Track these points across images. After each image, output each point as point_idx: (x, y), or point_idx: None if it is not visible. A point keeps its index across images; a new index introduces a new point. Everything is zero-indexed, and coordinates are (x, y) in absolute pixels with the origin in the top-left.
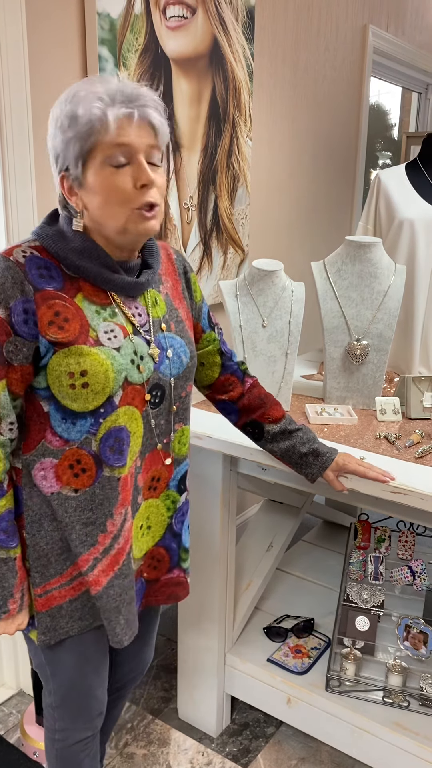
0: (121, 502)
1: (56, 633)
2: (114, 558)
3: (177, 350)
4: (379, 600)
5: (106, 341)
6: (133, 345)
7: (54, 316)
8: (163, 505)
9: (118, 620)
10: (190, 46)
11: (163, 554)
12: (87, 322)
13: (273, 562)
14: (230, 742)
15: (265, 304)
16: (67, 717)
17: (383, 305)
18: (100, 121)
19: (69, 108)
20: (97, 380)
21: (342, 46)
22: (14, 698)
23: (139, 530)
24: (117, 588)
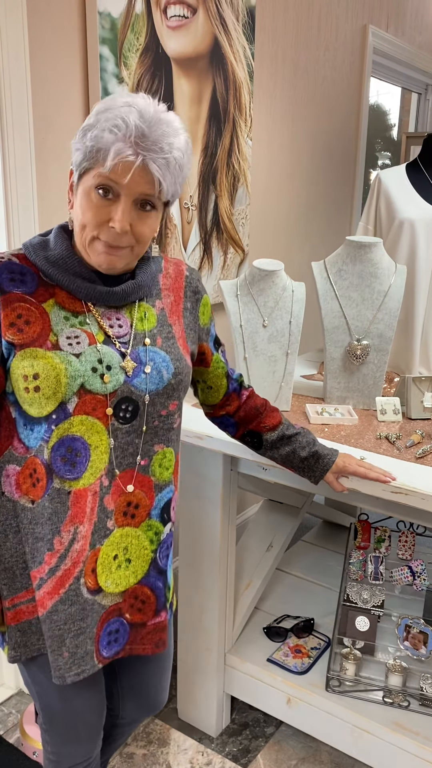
0: (70, 518)
1: (27, 649)
2: (59, 580)
3: (158, 365)
4: (379, 600)
5: (65, 346)
6: (98, 354)
7: (16, 318)
8: (144, 536)
9: (61, 652)
10: (191, 46)
11: (149, 595)
12: (49, 326)
13: (273, 562)
14: (230, 742)
15: (266, 304)
16: (56, 740)
17: (384, 305)
18: (103, 151)
19: (92, 119)
20: (48, 384)
21: (342, 46)
22: (14, 698)
23: (113, 561)
24: (62, 614)
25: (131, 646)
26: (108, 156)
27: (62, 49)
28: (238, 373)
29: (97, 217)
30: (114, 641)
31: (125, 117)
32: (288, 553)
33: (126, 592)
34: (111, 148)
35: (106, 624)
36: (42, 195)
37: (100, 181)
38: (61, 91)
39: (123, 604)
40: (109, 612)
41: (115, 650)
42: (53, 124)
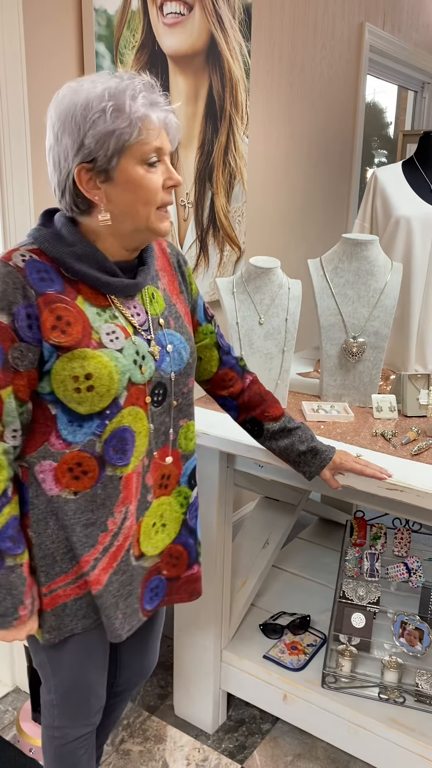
0: (122, 500)
1: (61, 631)
2: (113, 555)
3: (177, 346)
4: (375, 597)
5: (108, 343)
6: (134, 346)
7: (56, 320)
8: (175, 501)
9: (116, 615)
10: (187, 43)
11: (181, 551)
12: (89, 324)
13: (269, 559)
14: (226, 739)
15: (262, 302)
16: (67, 714)
17: (380, 303)
18: (145, 120)
19: (115, 102)
20: (102, 383)
21: (338, 44)
22: (10, 695)
23: (152, 528)
24: (116, 584)
25: (169, 597)
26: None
27: (58, 46)
28: (239, 355)
29: (155, 187)
30: (155, 596)
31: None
32: (284, 550)
33: (163, 553)
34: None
35: (147, 582)
36: (38, 193)
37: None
38: (57, 88)
39: (161, 564)
40: (150, 572)
41: (156, 603)
42: None
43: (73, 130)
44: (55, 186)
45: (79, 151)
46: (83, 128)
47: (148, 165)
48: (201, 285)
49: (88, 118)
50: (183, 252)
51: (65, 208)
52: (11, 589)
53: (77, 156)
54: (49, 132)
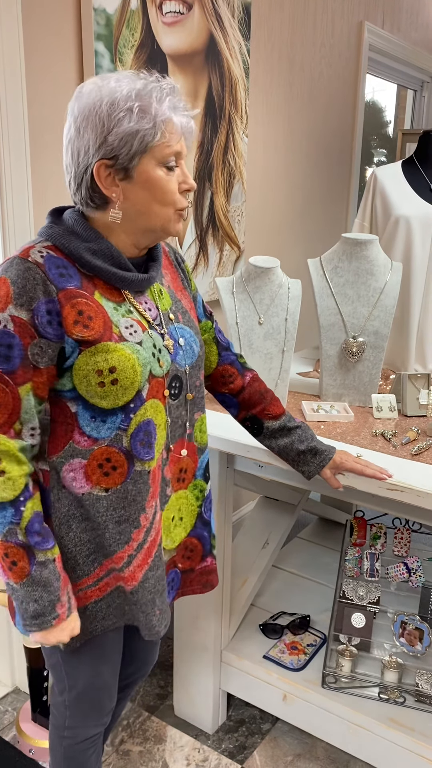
0: (152, 494)
1: (82, 635)
2: (147, 551)
3: (188, 340)
4: (375, 597)
5: (128, 336)
6: (152, 339)
7: (78, 315)
8: (192, 495)
9: (154, 612)
10: (186, 42)
11: (196, 544)
12: (109, 318)
13: (269, 559)
14: (226, 739)
15: (262, 301)
16: (79, 715)
17: (379, 302)
18: (168, 123)
19: (141, 102)
20: (126, 375)
21: (338, 42)
22: (10, 695)
23: (171, 522)
24: (152, 580)
25: (183, 590)
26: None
27: (57, 46)
28: (239, 352)
29: (172, 189)
30: (171, 589)
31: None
32: (284, 550)
33: (179, 546)
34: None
35: (167, 576)
36: (37, 191)
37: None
38: (57, 88)
39: (176, 557)
40: (168, 565)
41: (172, 596)
42: (48, 120)
43: (97, 126)
44: (71, 179)
45: (101, 147)
46: (107, 125)
47: (167, 168)
48: (200, 284)
49: (113, 115)
50: (182, 251)
51: (79, 202)
52: (46, 585)
53: (98, 151)
54: (70, 125)
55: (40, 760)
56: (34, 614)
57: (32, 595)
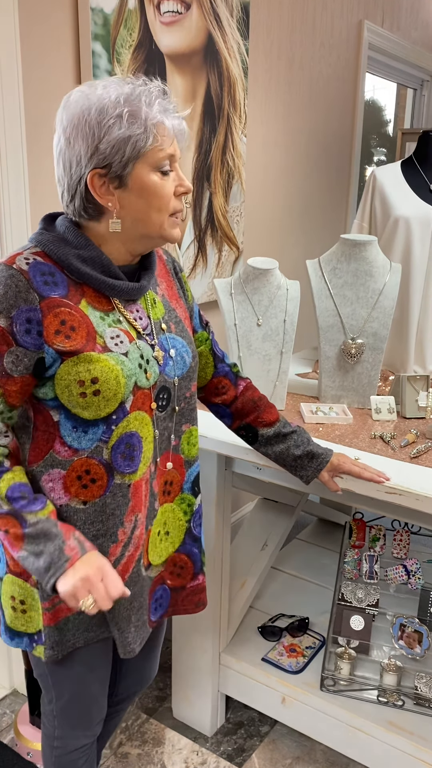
0: (131, 509)
1: (64, 647)
2: (125, 566)
3: (179, 350)
4: (374, 599)
5: (113, 347)
6: (139, 350)
7: (60, 324)
8: (179, 509)
9: (129, 629)
10: (185, 42)
11: (186, 561)
12: (93, 328)
13: (268, 560)
14: (225, 742)
15: (260, 303)
16: (67, 725)
17: (378, 304)
18: (160, 127)
19: (126, 108)
20: (109, 387)
21: (337, 42)
22: (8, 698)
23: (157, 537)
24: (128, 597)
25: (173, 608)
26: (167, 131)
27: (54, 46)
28: (233, 362)
29: (168, 194)
30: (159, 606)
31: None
32: (283, 551)
33: (166, 562)
34: (166, 122)
35: (153, 593)
36: (34, 192)
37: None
38: (53, 88)
39: (164, 573)
40: (155, 582)
41: (160, 614)
42: (45, 120)
43: (87, 135)
44: (64, 190)
45: (93, 156)
46: (98, 133)
47: (161, 172)
48: (199, 286)
49: (103, 123)
50: (180, 252)
51: (72, 213)
52: (46, 535)
53: (91, 161)
54: (60, 136)
55: (38, 763)
56: (46, 567)
57: (35, 550)
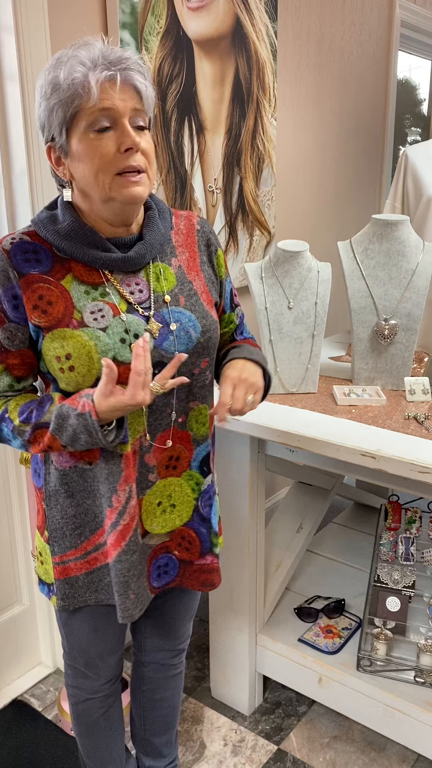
0: (124, 479)
1: (74, 600)
2: (120, 534)
3: (184, 324)
4: (410, 581)
5: (91, 322)
6: (123, 324)
7: (38, 299)
8: (186, 485)
9: (128, 594)
10: (212, 27)
11: (193, 537)
12: (72, 303)
13: (303, 543)
14: (263, 720)
15: (291, 286)
16: (76, 675)
17: (411, 284)
18: (82, 85)
19: (51, 75)
20: (81, 363)
21: (368, 20)
22: (51, 676)
23: (158, 507)
24: (125, 563)
25: (181, 579)
26: (90, 87)
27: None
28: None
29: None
30: (164, 573)
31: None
32: (319, 534)
33: (173, 533)
34: (89, 78)
35: (154, 560)
36: None
37: (94, 117)
38: None
39: (170, 543)
40: (156, 550)
41: (166, 581)
42: None
43: (36, 111)
44: None
45: (42, 130)
46: (40, 108)
47: (96, 132)
48: (231, 271)
49: (39, 99)
50: None
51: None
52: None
53: (43, 136)
54: None
55: None
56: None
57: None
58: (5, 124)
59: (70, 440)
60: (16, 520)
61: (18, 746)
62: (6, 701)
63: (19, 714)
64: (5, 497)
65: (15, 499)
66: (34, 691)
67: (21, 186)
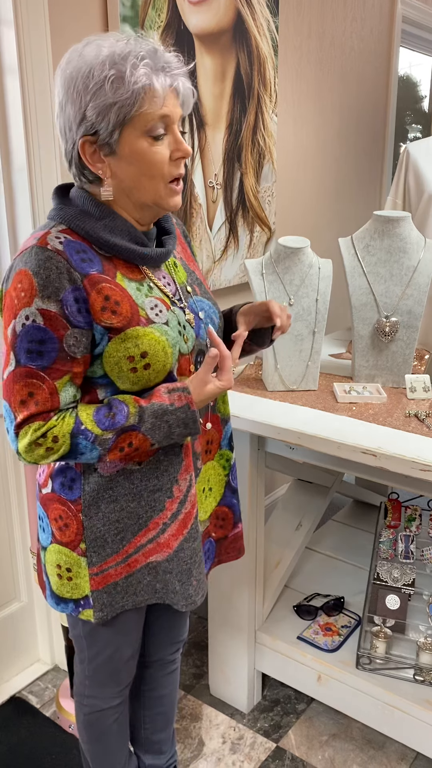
0: (185, 468)
1: (112, 608)
2: (182, 522)
3: (208, 312)
4: (410, 579)
5: (155, 318)
6: (176, 316)
7: (105, 301)
8: (218, 465)
9: (190, 581)
10: (213, 21)
11: (227, 512)
12: (134, 301)
13: (302, 540)
14: (261, 718)
15: (292, 282)
16: (96, 685)
17: (413, 281)
18: (148, 90)
19: (112, 71)
20: (158, 359)
21: (369, 15)
22: (49, 673)
23: (202, 494)
24: (188, 551)
25: (219, 558)
26: (156, 92)
27: (83, 29)
28: None
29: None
30: (207, 558)
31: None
32: (318, 532)
33: (211, 516)
34: (155, 83)
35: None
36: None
37: (153, 123)
38: None
39: (210, 527)
40: (203, 536)
41: (209, 566)
42: None
43: (75, 101)
44: (64, 155)
45: (81, 122)
46: (84, 99)
47: (152, 137)
48: (231, 267)
49: (89, 88)
50: (212, 234)
51: (74, 178)
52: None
53: (80, 128)
54: (56, 99)
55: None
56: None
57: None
58: (5, 119)
59: (164, 437)
60: (14, 517)
61: (16, 743)
62: (4, 698)
63: (17, 711)
64: (3, 495)
65: (13, 496)
66: (32, 688)
67: (20, 181)
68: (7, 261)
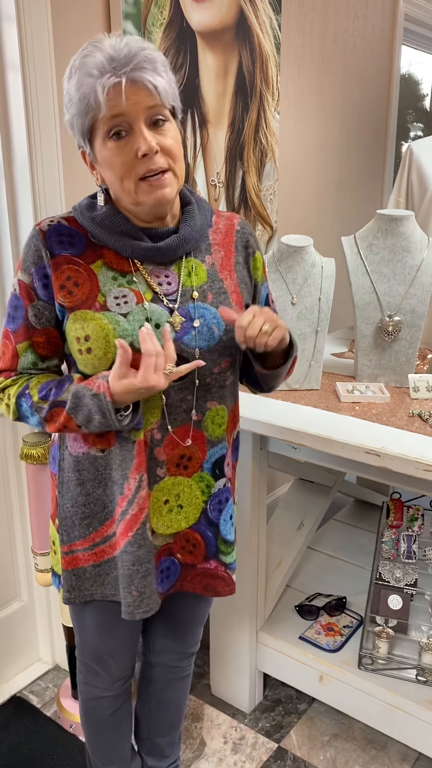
0: (136, 466)
1: (80, 593)
2: (128, 524)
3: (208, 321)
4: (412, 579)
5: (113, 306)
6: (145, 312)
7: (65, 280)
8: (196, 486)
9: (130, 590)
10: (216, 18)
11: (199, 540)
12: (98, 287)
13: (304, 540)
14: (263, 718)
15: (295, 281)
16: (88, 672)
17: (416, 280)
18: (92, 96)
19: (69, 85)
20: (99, 345)
21: (372, 13)
22: (50, 673)
23: (164, 505)
24: (130, 555)
25: (181, 583)
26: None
27: (86, 26)
28: None
29: (128, 159)
30: (166, 578)
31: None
32: (320, 531)
33: (177, 535)
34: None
35: (158, 563)
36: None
37: (109, 126)
38: None
39: (174, 545)
40: (160, 552)
41: (167, 586)
42: None
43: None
44: None
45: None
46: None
47: (114, 139)
48: None
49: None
50: None
51: None
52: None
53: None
54: None
55: (80, 736)
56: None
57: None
58: (7, 115)
59: (85, 420)
60: (15, 516)
61: (17, 743)
62: (5, 698)
63: (18, 710)
64: (4, 493)
65: (14, 495)
66: (32, 687)
67: (22, 177)
68: (8, 255)
